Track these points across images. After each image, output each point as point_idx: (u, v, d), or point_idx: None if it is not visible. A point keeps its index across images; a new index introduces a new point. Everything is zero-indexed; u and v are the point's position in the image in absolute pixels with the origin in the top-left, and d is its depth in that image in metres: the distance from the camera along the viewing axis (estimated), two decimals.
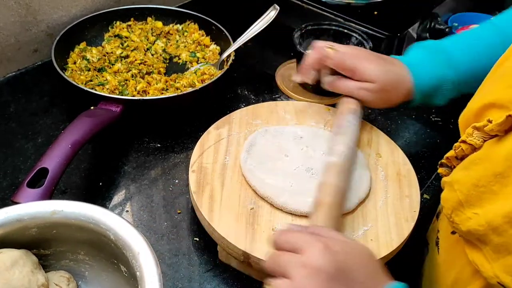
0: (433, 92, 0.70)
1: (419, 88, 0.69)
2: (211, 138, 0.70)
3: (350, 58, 0.70)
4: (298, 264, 0.43)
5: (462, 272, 0.53)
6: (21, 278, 0.47)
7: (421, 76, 0.69)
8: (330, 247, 0.44)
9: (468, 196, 0.47)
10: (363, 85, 0.69)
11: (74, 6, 0.90)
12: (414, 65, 0.70)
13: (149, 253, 0.46)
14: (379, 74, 0.69)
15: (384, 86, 0.69)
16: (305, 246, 0.44)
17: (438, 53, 0.70)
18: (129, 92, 0.79)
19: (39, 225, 0.49)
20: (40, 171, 0.59)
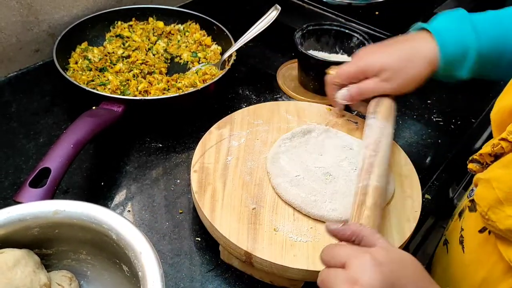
0: (459, 61, 0.66)
1: (445, 55, 0.66)
2: (212, 138, 0.70)
3: (352, 64, 0.70)
4: (346, 280, 0.42)
5: (492, 270, 0.53)
6: (23, 278, 0.47)
7: (446, 43, 0.66)
8: (376, 259, 0.42)
9: (509, 194, 0.46)
10: (379, 77, 0.68)
11: (75, 6, 0.90)
12: (439, 31, 0.67)
13: (151, 253, 0.46)
14: (389, 58, 0.67)
15: (399, 65, 0.67)
16: (351, 259, 0.43)
17: (464, 21, 0.67)
18: (130, 92, 0.79)
19: (41, 225, 0.49)
20: (42, 171, 0.59)
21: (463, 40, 0.65)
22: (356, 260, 0.42)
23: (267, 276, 0.60)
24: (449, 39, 0.66)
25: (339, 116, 0.76)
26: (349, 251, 0.44)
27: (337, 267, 0.44)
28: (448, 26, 0.67)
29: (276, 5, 0.89)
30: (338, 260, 0.44)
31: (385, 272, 0.41)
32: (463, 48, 0.65)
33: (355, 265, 0.42)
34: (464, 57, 0.66)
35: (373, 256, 0.42)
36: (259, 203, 0.62)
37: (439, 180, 0.75)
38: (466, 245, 0.59)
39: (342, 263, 0.43)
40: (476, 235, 0.56)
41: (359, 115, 0.80)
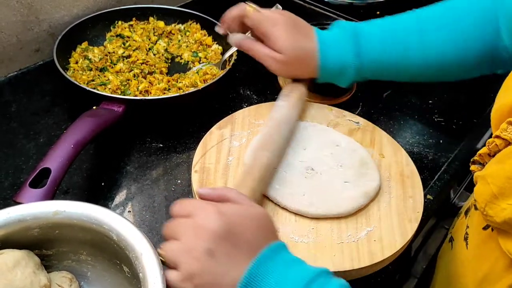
0: (336, 75, 0.73)
1: (323, 68, 0.72)
2: (213, 138, 0.70)
3: (268, 22, 0.71)
4: (188, 226, 0.46)
5: (493, 266, 0.54)
6: (23, 279, 0.47)
7: (327, 57, 0.71)
8: (221, 210, 0.47)
9: (503, 188, 0.47)
10: (271, 53, 0.71)
11: (76, 5, 0.90)
12: (325, 43, 0.71)
13: (152, 254, 0.46)
14: (289, 47, 0.70)
15: (290, 59, 0.70)
16: (197, 210, 0.47)
17: (349, 36, 0.71)
18: (131, 92, 0.79)
19: (41, 226, 0.49)
20: (43, 171, 0.59)
21: (343, 58, 0.71)
22: (201, 210, 0.47)
23: None
24: (331, 56, 0.71)
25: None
26: (197, 204, 0.48)
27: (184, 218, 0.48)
28: (334, 42, 0.71)
29: (277, 4, 0.88)
30: (186, 211, 0.48)
31: (226, 220, 0.46)
32: (342, 65, 0.71)
33: (200, 214, 0.47)
34: (343, 72, 0.72)
35: (217, 208, 0.47)
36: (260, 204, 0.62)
37: (441, 180, 0.75)
38: (470, 241, 0.60)
39: (189, 214, 0.47)
40: (480, 232, 0.57)
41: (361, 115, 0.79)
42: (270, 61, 0.71)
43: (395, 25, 0.72)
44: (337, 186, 0.64)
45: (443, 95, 0.92)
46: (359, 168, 0.66)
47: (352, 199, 0.62)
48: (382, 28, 0.72)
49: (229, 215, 0.47)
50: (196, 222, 0.46)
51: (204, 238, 0.45)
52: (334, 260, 0.57)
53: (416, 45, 0.70)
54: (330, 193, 0.63)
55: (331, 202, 0.62)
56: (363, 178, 0.65)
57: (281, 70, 0.73)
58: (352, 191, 0.63)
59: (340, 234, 0.60)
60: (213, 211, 0.46)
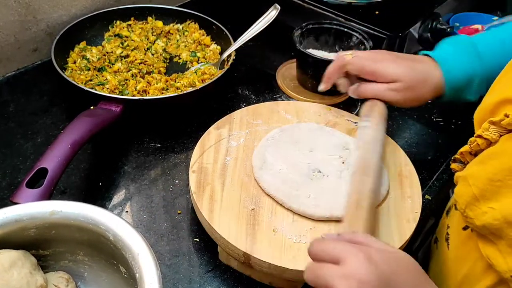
0: (464, 87, 0.69)
1: (450, 82, 0.68)
2: (211, 138, 0.70)
3: (369, 61, 0.70)
4: (340, 276, 0.41)
5: (473, 267, 0.53)
6: (20, 279, 0.46)
7: (451, 71, 0.68)
8: (372, 257, 0.42)
9: (484, 190, 0.47)
10: (389, 85, 0.69)
11: (74, 5, 0.90)
12: (444, 59, 0.69)
13: (149, 254, 0.46)
14: (403, 72, 0.68)
15: (411, 83, 0.68)
16: (346, 256, 0.42)
17: (467, 48, 0.69)
18: (129, 92, 0.79)
19: (38, 226, 0.49)
20: (40, 171, 0.59)
21: (467, 68, 0.68)
22: (351, 256, 0.41)
23: (266, 277, 0.59)
24: (454, 67, 0.68)
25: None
26: (344, 247, 0.43)
27: (328, 262, 0.43)
28: (452, 54, 0.69)
29: (276, 4, 0.88)
30: (330, 255, 0.43)
31: (381, 268, 0.41)
32: (468, 75, 0.68)
33: (350, 261, 0.41)
34: (470, 83, 0.68)
35: (368, 254, 0.42)
36: (258, 203, 0.62)
37: (440, 180, 0.75)
38: (450, 242, 0.60)
39: (335, 259, 0.42)
40: (460, 233, 0.56)
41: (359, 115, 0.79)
42: (390, 94, 0.69)
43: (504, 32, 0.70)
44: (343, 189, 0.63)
45: None
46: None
47: None
48: (493, 36, 0.71)
49: (381, 262, 0.42)
50: (348, 272, 0.41)
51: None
52: None
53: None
54: (335, 195, 0.62)
55: (336, 205, 0.61)
56: None
57: (403, 98, 0.70)
58: None
59: None
60: (364, 257, 0.41)
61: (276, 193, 0.62)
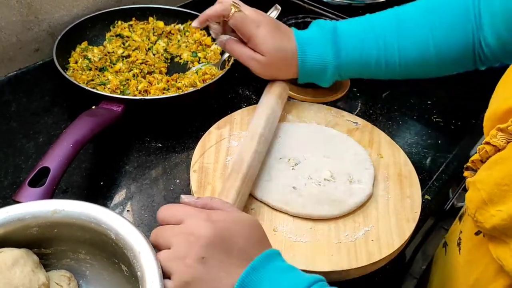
0: (316, 74, 0.73)
1: (303, 68, 0.72)
2: (212, 138, 0.70)
3: (250, 23, 0.71)
4: (179, 234, 0.46)
5: (484, 271, 0.54)
6: (22, 277, 0.47)
7: (306, 57, 0.71)
8: (210, 217, 0.47)
9: (491, 194, 0.47)
10: (254, 55, 0.72)
11: (75, 5, 0.90)
12: (303, 43, 0.71)
13: (151, 253, 0.46)
14: (271, 49, 0.71)
15: (272, 61, 0.71)
16: (187, 217, 0.47)
17: (328, 36, 0.71)
18: (130, 92, 0.79)
19: (40, 224, 0.49)
20: (42, 170, 0.59)
21: (321, 58, 0.71)
22: (191, 217, 0.47)
23: None
24: (309, 56, 0.71)
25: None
26: (187, 210, 0.48)
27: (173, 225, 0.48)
28: (313, 41, 0.72)
29: (276, 5, 0.89)
30: (175, 218, 0.48)
31: (217, 227, 0.46)
32: (321, 65, 0.71)
33: (189, 220, 0.47)
34: (322, 73, 0.73)
35: (208, 215, 0.47)
36: (257, 204, 0.62)
37: (439, 180, 0.75)
38: (462, 246, 0.60)
39: (178, 220, 0.48)
40: (473, 238, 0.56)
41: (359, 115, 0.80)
42: (252, 63, 0.72)
43: (374, 22, 0.72)
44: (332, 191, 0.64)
45: (442, 95, 0.92)
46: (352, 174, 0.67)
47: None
48: (361, 27, 0.72)
49: (220, 222, 0.47)
50: (187, 229, 0.46)
51: (196, 246, 0.45)
52: (331, 259, 0.57)
53: (396, 43, 0.70)
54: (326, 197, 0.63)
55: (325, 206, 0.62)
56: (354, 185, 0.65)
57: (264, 72, 0.74)
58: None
59: (338, 233, 0.60)
60: (204, 218, 0.46)
61: (265, 198, 0.63)
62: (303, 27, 0.90)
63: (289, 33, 0.73)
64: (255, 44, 0.71)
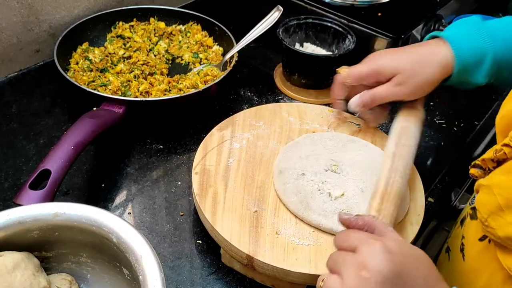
0: (474, 66, 0.65)
1: (460, 60, 0.65)
2: (214, 140, 0.70)
3: (365, 64, 0.69)
4: (353, 263, 0.41)
5: (491, 279, 0.52)
6: (23, 281, 0.46)
7: (461, 48, 0.65)
8: (387, 247, 0.41)
9: (510, 201, 0.46)
10: (391, 82, 0.66)
11: (76, 6, 0.90)
12: (454, 37, 0.66)
13: (152, 257, 0.46)
14: (401, 60, 0.66)
15: (412, 68, 0.65)
16: (362, 244, 0.42)
17: (479, 26, 0.66)
18: (131, 93, 0.79)
19: (41, 228, 0.49)
20: (43, 173, 0.59)
21: (479, 45, 0.64)
22: (366, 246, 0.42)
23: (269, 279, 0.59)
24: (465, 44, 0.65)
25: (340, 119, 0.76)
26: (362, 237, 0.44)
27: (347, 251, 0.43)
28: (463, 32, 0.66)
29: (278, 6, 0.88)
30: (349, 244, 0.44)
31: (395, 261, 0.40)
32: (479, 53, 0.64)
33: (365, 250, 0.41)
34: (481, 62, 0.65)
35: (384, 244, 0.41)
36: (260, 205, 0.62)
37: (442, 183, 0.74)
38: (466, 253, 0.59)
39: (353, 248, 0.43)
40: (476, 243, 0.55)
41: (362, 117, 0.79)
42: (394, 89, 0.66)
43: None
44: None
45: (445, 98, 0.92)
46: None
47: None
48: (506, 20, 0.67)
49: (396, 254, 0.41)
50: (361, 260, 0.41)
51: (370, 281, 0.40)
52: None
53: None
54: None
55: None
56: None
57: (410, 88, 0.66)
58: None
59: None
60: (380, 248, 0.41)
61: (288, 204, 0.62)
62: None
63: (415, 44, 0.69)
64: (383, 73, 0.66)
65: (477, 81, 0.66)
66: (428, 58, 0.66)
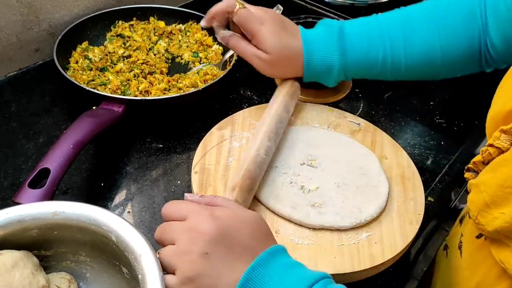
0: (322, 74, 0.72)
1: (308, 68, 0.71)
2: (213, 139, 0.70)
3: (255, 20, 0.70)
4: (183, 230, 0.46)
5: (487, 274, 0.53)
6: (22, 280, 0.46)
7: (312, 56, 0.70)
8: (215, 214, 0.47)
9: (495, 197, 0.47)
10: (258, 52, 0.70)
11: (76, 5, 0.90)
12: (309, 42, 0.70)
13: (151, 256, 0.46)
14: (276, 47, 0.69)
15: (277, 59, 0.70)
16: (191, 214, 0.47)
17: (334, 36, 0.70)
18: (131, 92, 0.79)
19: (40, 226, 0.49)
20: (42, 172, 0.59)
21: (326, 58, 0.70)
22: (195, 214, 0.47)
23: None
24: (315, 55, 0.70)
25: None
26: (191, 207, 0.49)
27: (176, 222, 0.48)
28: (319, 41, 0.70)
29: (278, 5, 0.88)
30: (179, 214, 0.48)
31: (220, 224, 0.46)
32: (327, 65, 0.71)
33: (194, 217, 0.47)
34: (327, 72, 0.71)
35: (212, 212, 0.47)
36: (259, 205, 0.62)
37: (442, 182, 0.74)
38: (464, 250, 0.59)
39: (182, 217, 0.48)
40: (474, 241, 0.56)
41: (362, 116, 0.79)
42: (256, 61, 0.71)
43: (381, 23, 0.71)
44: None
45: (445, 96, 0.92)
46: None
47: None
48: (367, 27, 0.71)
49: (223, 218, 0.47)
50: (190, 226, 0.46)
51: (199, 242, 0.45)
52: (334, 262, 0.56)
53: (402, 44, 0.69)
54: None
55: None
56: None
57: (268, 70, 0.72)
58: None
59: (341, 236, 0.59)
60: (207, 215, 0.47)
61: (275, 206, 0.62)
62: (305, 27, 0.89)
63: (295, 31, 0.72)
64: (259, 42, 0.70)
65: (327, 84, 0.74)
66: (291, 59, 0.71)
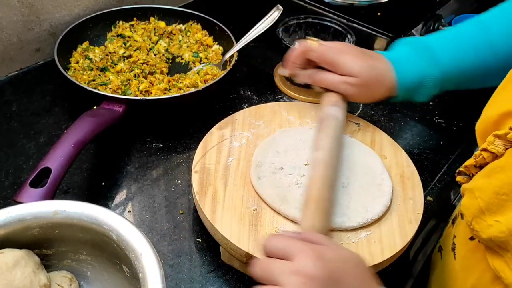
0: (416, 89, 0.71)
1: (402, 84, 0.70)
2: (214, 139, 0.70)
3: (333, 51, 0.70)
4: (290, 272, 0.42)
5: (481, 278, 0.53)
6: (23, 278, 0.47)
7: (404, 73, 0.69)
8: (322, 255, 0.43)
9: (489, 203, 0.46)
10: (345, 79, 0.69)
11: (77, 5, 0.90)
12: (397, 61, 0.70)
13: (152, 254, 0.46)
14: (362, 69, 0.69)
15: (367, 81, 0.69)
16: (297, 253, 0.43)
17: (421, 50, 0.70)
18: (131, 92, 0.79)
19: (41, 225, 0.49)
20: (43, 171, 0.59)
21: (420, 70, 0.69)
22: (301, 253, 0.43)
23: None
24: (407, 71, 0.70)
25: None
26: (296, 244, 0.44)
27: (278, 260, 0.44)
28: (407, 55, 0.70)
29: (278, 5, 0.88)
30: (282, 251, 0.44)
31: (329, 267, 0.42)
32: (421, 78, 0.69)
33: (300, 258, 0.43)
34: (422, 85, 0.70)
35: (319, 251, 0.43)
36: (260, 204, 0.62)
37: (441, 182, 0.75)
38: (457, 252, 0.59)
39: (287, 255, 0.44)
40: (467, 243, 0.56)
41: (361, 116, 0.79)
42: (345, 87, 0.69)
43: (460, 32, 0.71)
44: None
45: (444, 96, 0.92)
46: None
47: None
48: (450, 37, 0.71)
49: (330, 260, 0.43)
50: (298, 268, 0.42)
51: (305, 286, 0.41)
52: None
53: (484, 45, 0.68)
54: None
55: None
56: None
57: (357, 93, 0.70)
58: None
59: (340, 235, 0.60)
60: (314, 255, 0.43)
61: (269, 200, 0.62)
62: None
63: (377, 55, 0.71)
64: (343, 69, 0.69)
65: (419, 100, 0.73)
66: (382, 78, 0.70)
